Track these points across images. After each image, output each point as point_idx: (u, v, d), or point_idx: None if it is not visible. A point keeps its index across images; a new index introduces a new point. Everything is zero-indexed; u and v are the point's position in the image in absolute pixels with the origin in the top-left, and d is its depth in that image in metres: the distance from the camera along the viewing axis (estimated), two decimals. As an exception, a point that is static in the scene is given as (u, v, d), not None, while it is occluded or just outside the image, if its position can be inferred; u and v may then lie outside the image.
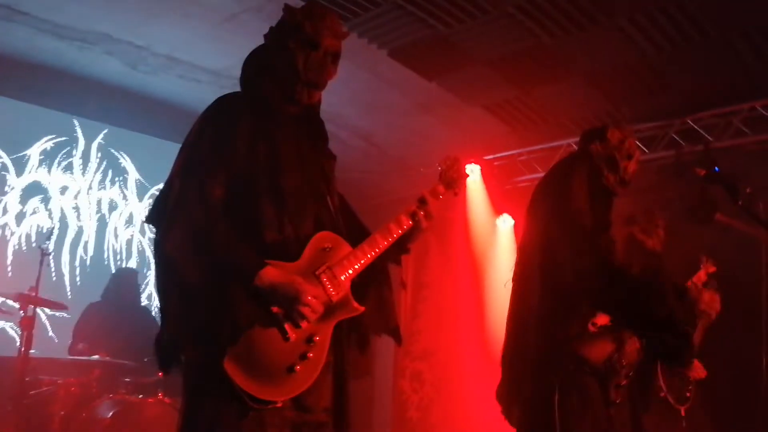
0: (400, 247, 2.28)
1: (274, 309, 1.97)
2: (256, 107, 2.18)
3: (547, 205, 3.01)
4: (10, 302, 5.22)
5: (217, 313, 1.90)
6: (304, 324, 1.99)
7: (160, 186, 2.10)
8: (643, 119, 5.91)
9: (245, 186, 2.06)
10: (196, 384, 1.99)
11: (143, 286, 6.64)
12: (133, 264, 6.67)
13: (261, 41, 2.32)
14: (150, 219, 2.08)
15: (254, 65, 2.29)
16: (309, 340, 2.01)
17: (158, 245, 2.00)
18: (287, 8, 2.27)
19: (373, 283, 2.25)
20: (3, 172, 5.97)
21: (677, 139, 5.75)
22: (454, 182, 2.45)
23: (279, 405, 1.96)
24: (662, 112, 5.82)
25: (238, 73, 2.32)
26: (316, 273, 2.06)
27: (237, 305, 1.92)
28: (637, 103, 5.97)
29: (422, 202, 2.30)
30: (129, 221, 6.73)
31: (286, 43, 2.21)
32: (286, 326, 1.97)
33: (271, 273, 1.96)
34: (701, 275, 3.33)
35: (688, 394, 4.08)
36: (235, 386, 1.89)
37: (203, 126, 2.14)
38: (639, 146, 3.61)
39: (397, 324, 2.33)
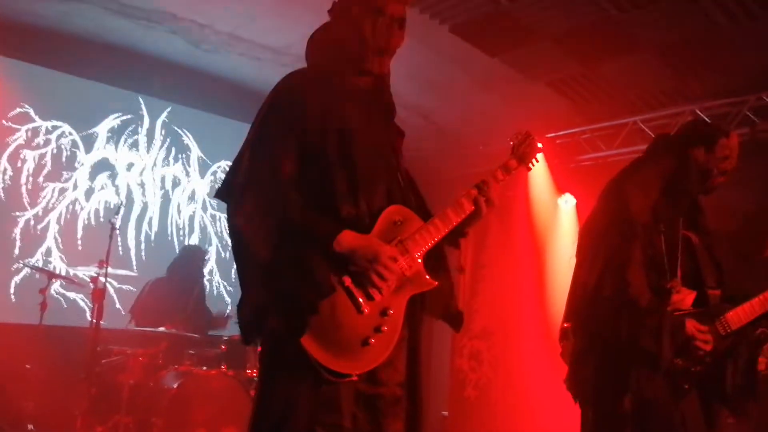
0: (459, 230, 2.24)
1: (347, 281, 1.96)
2: (324, 83, 2.17)
3: (616, 188, 2.92)
4: (81, 275, 5.44)
5: (295, 283, 1.91)
6: (377, 296, 1.98)
7: (221, 163, 2.12)
8: (714, 96, 5.69)
9: (317, 161, 2.06)
10: (273, 356, 2.00)
11: (205, 262, 6.80)
12: (195, 240, 6.82)
13: (322, 17, 2.30)
14: (220, 194, 2.08)
15: (320, 41, 2.27)
16: (383, 313, 2.00)
17: (229, 220, 2.02)
18: None
19: (433, 266, 2.20)
20: (74, 149, 6.15)
21: (751, 116, 5.52)
22: (527, 156, 2.41)
23: (355, 378, 1.95)
24: (734, 88, 5.58)
25: (299, 50, 2.32)
26: None
27: (315, 274, 1.91)
28: (708, 78, 5.73)
29: (481, 187, 2.24)
30: (191, 197, 6.87)
31: (351, 12, 2.20)
32: (360, 299, 1.97)
33: (349, 236, 1.96)
34: None
35: None
36: (312, 359, 1.89)
37: (273, 103, 2.13)
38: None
39: (458, 309, 2.26)
